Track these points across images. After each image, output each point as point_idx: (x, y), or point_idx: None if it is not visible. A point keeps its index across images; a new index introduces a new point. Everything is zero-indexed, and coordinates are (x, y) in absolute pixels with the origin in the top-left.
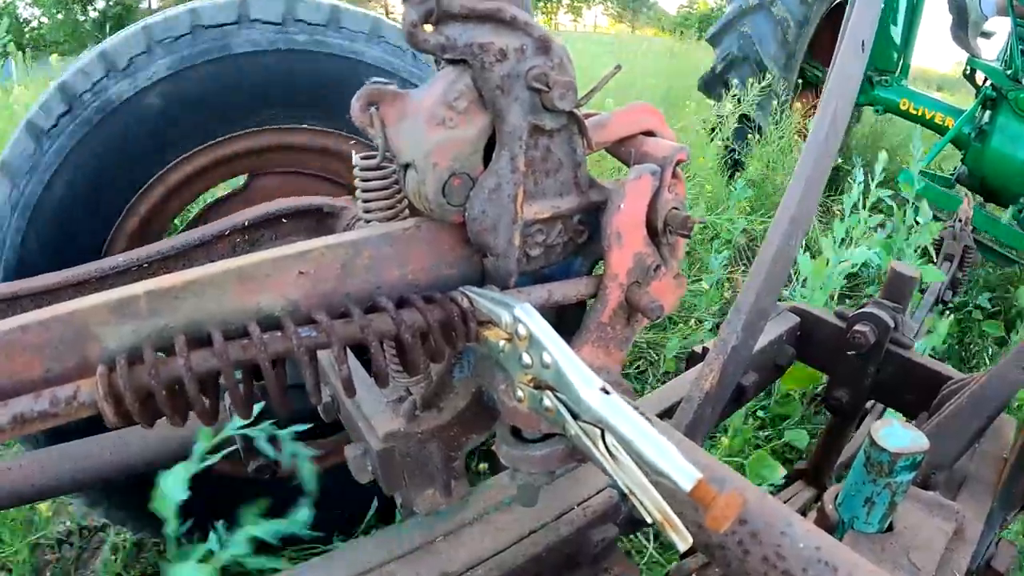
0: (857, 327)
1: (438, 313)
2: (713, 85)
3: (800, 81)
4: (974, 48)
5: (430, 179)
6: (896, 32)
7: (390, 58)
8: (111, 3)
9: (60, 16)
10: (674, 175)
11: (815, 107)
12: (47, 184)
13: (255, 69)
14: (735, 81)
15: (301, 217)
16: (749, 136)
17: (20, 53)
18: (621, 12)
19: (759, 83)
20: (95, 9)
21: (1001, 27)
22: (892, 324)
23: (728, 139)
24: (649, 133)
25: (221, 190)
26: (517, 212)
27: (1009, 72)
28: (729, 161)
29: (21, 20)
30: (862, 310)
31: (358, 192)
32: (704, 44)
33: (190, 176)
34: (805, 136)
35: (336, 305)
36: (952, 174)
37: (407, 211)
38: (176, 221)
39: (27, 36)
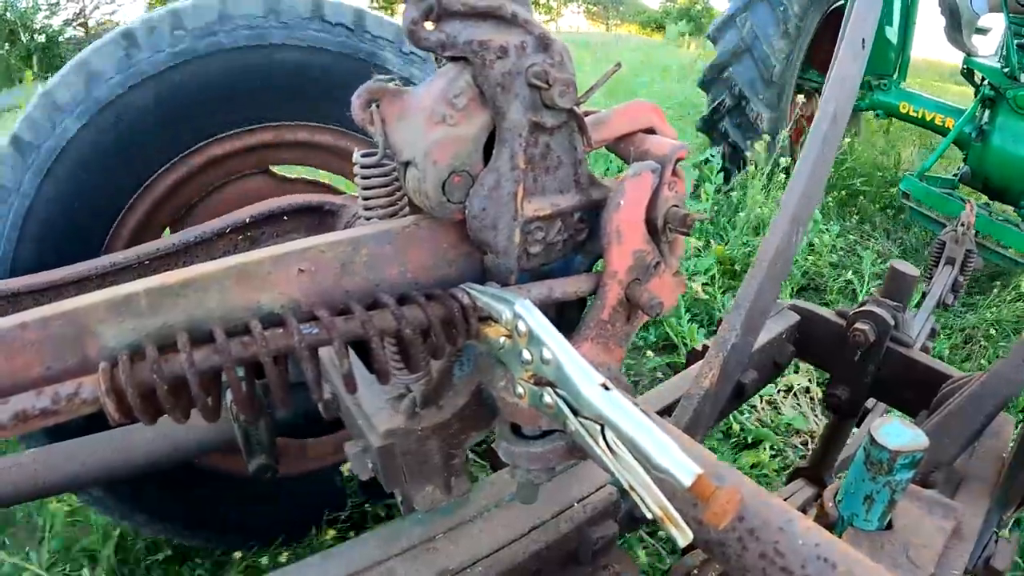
0: (857, 325)
1: (439, 309)
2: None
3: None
4: (970, 47)
5: (430, 177)
6: (892, 33)
7: None
8: (35, 36)
9: None
10: (674, 173)
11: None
12: None
13: None
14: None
15: (302, 214)
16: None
17: None
18: (593, 8)
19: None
20: (20, 42)
21: (996, 23)
22: (892, 322)
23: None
24: (649, 130)
25: None
26: (517, 209)
27: (1006, 70)
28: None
29: None
30: (862, 308)
31: (358, 190)
32: (676, 40)
33: None
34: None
35: (337, 302)
36: (956, 175)
37: (407, 209)
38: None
39: None
